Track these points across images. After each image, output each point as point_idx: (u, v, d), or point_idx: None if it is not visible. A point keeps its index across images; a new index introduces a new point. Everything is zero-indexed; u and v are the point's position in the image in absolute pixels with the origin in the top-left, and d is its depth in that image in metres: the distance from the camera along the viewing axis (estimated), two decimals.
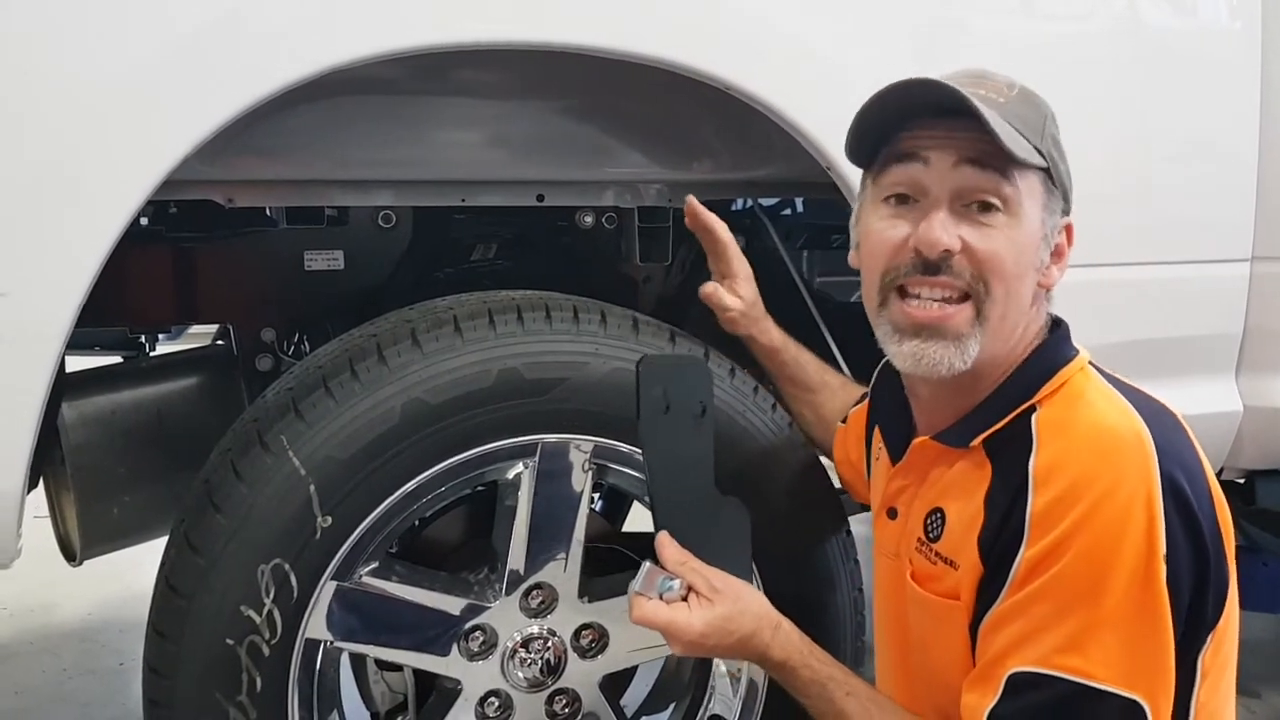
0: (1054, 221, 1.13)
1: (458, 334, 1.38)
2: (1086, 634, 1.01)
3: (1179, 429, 1.10)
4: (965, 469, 1.14)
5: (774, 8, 1.43)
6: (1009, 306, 1.11)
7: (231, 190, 1.55)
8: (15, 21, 1.17)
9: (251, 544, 1.29)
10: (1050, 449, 1.06)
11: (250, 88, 1.21)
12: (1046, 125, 1.12)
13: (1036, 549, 1.03)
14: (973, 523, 1.11)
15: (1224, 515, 1.08)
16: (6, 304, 1.19)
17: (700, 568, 1.19)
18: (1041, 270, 1.13)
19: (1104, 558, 1.01)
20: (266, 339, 1.72)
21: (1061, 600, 1.02)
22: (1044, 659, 1.02)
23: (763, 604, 1.20)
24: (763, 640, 1.17)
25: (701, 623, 1.15)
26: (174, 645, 1.29)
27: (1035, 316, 1.15)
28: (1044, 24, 1.62)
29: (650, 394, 1.21)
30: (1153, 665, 1.02)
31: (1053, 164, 1.11)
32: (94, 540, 1.60)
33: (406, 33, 1.27)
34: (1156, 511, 1.01)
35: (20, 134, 1.18)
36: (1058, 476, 1.04)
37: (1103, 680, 1.01)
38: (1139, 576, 1.00)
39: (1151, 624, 1.01)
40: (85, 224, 1.19)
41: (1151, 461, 1.03)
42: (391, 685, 1.55)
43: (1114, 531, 1.00)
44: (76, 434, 1.53)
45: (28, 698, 2.55)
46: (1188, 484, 1.04)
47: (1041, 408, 1.11)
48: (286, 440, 1.31)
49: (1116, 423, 1.06)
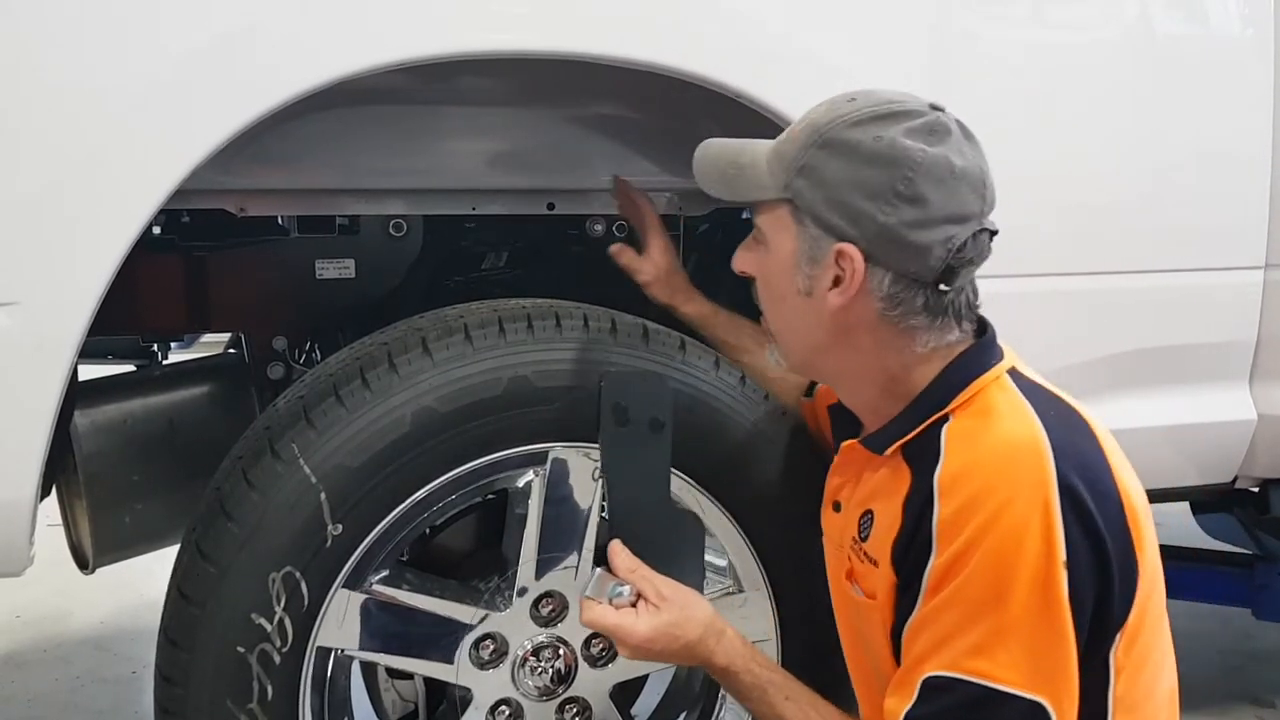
0: (815, 250, 1.14)
1: (468, 342, 1.38)
2: (992, 639, 1.06)
3: (1083, 432, 1.13)
4: (888, 473, 1.19)
5: (789, 19, 1.44)
6: (779, 323, 1.23)
7: (243, 199, 1.56)
8: (29, 31, 1.17)
9: (263, 552, 1.29)
10: (955, 460, 1.11)
11: (262, 97, 1.22)
12: (802, 156, 1.13)
13: (944, 558, 1.08)
14: (891, 526, 1.16)
15: (1134, 513, 1.11)
16: (19, 312, 1.20)
17: (650, 575, 1.25)
18: (811, 295, 1.15)
19: (1004, 567, 1.05)
20: (278, 347, 1.72)
21: (968, 608, 1.07)
22: (954, 663, 1.07)
23: (709, 612, 1.25)
24: (707, 647, 1.23)
25: (647, 628, 1.21)
26: (186, 653, 1.30)
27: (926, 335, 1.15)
28: (1055, 33, 1.62)
29: (610, 407, 1.27)
30: (1056, 669, 1.06)
31: (798, 195, 1.13)
32: (106, 548, 1.61)
33: (421, 41, 1.28)
34: (1054, 520, 1.05)
35: (33, 143, 1.19)
36: (960, 487, 1.08)
37: (1008, 683, 1.05)
38: (1038, 584, 1.05)
39: (1053, 630, 1.05)
40: (98, 233, 1.20)
41: (1049, 469, 1.06)
42: (402, 694, 1.55)
43: (1012, 541, 1.05)
44: (89, 442, 1.54)
45: (40, 706, 2.55)
46: (1087, 488, 1.07)
47: (954, 418, 1.14)
48: (298, 448, 1.31)
49: (1016, 432, 1.10)
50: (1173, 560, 2.35)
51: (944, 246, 1.10)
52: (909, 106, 1.12)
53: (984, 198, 1.12)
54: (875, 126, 1.11)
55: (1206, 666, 2.75)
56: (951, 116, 1.13)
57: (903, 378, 1.18)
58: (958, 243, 1.10)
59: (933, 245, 1.10)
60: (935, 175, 1.09)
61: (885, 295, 1.12)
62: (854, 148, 1.11)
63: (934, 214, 1.09)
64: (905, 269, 1.11)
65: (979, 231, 1.12)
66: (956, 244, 1.10)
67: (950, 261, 1.11)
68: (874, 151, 1.10)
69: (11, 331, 1.20)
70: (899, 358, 1.17)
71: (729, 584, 1.51)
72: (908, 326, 1.14)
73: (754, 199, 1.19)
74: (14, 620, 2.99)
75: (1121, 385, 1.66)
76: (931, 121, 1.11)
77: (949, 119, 1.13)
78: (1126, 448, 1.70)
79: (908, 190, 1.09)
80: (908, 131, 1.10)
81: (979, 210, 1.12)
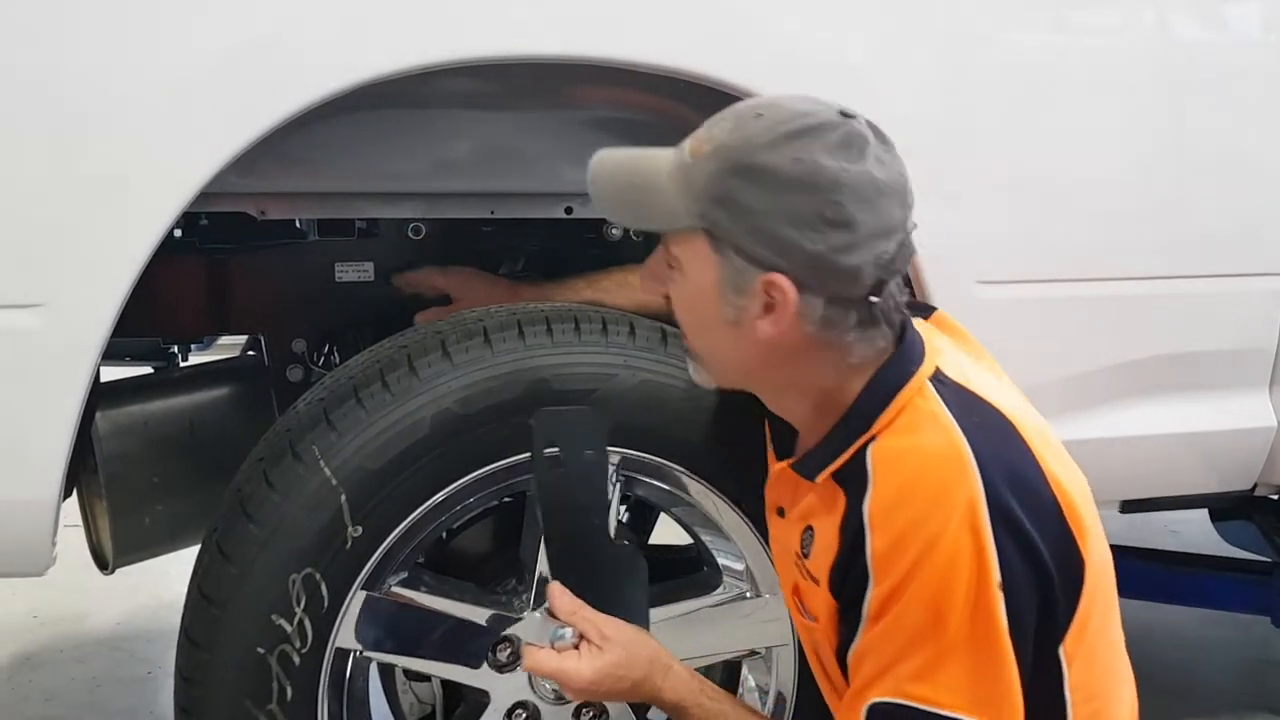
0: (740, 281, 1.09)
1: (487, 345, 1.38)
2: (933, 665, 1.07)
3: (1008, 437, 1.12)
4: (823, 494, 1.18)
5: (804, 21, 1.44)
6: (703, 349, 1.20)
7: (264, 202, 1.57)
8: (55, 34, 1.19)
9: (283, 553, 1.30)
10: (882, 489, 1.10)
11: (285, 100, 1.23)
12: (716, 186, 1.08)
13: (881, 589, 1.08)
14: (829, 548, 1.15)
15: (1073, 509, 1.11)
16: (45, 314, 1.22)
17: (592, 616, 1.25)
18: (739, 324, 1.12)
19: (940, 594, 1.06)
20: (297, 350, 1.73)
21: (908, 635, 1.08)
22: (897, 689, 1.08)
23: (654, 649, 1.25)
24: (654, 684, 1.23)
25: (591, 670, 1.22)
26: (206, 653, 1.31)
27: (858, 347, 1.12)
28: (1074, 38, 1.62)
29: (544, 446, 1.27)
30: (998, 690, 1.07)
31: (716, 226, 1.09)
32: (126, 549, 1.62)
33: (446, 46, 1.28)
34: (986, 544, 1.05)
35: (59, 146, 1.20)
36: (891, 520, 1.08)
37: (950, 708, 1.07)
38: (972, 609, 1.06)
39: (992, 653, 1.06)
40: (123, 235, 1.22)
41: (975, 487, 1.06)
42: (419, 695, 1.55)
43: (946, 569, 1.05)
44: (110, 443, 1.54)
45: (58, 705, 2.56)
46: (1018, 500, 1.07)
47: (880, 439, 1.13)
48: (318, 450, 1.32)
49: (941, 451, 1.09)
50: (1191, 568, 2.35)
51: (875, 264, 1.07)
52: (821, 119, 1.07)
53: (906, 204, 1.10)
54: (792, 147, 1.06)
55: (1224, 673, 2.74)
56: (863, 122, 1.09)
57: (835, 391, 1.15)
58: (888, 256, 1.08)
59: (863, 265, 1.07)
60: (861, 195, 1.06)
61: (819, 319, 1.09)
62: (774, 174, 1.06)
63: (863, 234, 1.06)
64: (838, 293, 1.09)
65: (905, 238, 1.10)
66: (887, 258, 1.08)
67: (880, 275, 1.08)
68: (795, 177, 1.05)
69: (38, 332, 1.22)
70: (833, 372, 1.14)
71: (745, 588, 1.52)
72: (842, 343, 1.12)
73: (663, 228, 1.15)
74: (31, 620, 3.00)
75: (1141, 392, 1.65)
76: (847, 134, 1.07)
77: (862, 126, 1.08)
78: (1147, 455, 1.71)
79: (835, 215, 1.05)
80: (826, 149, 1.06)
81: (904, 218, 1.10)
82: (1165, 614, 2.72)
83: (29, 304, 1.21)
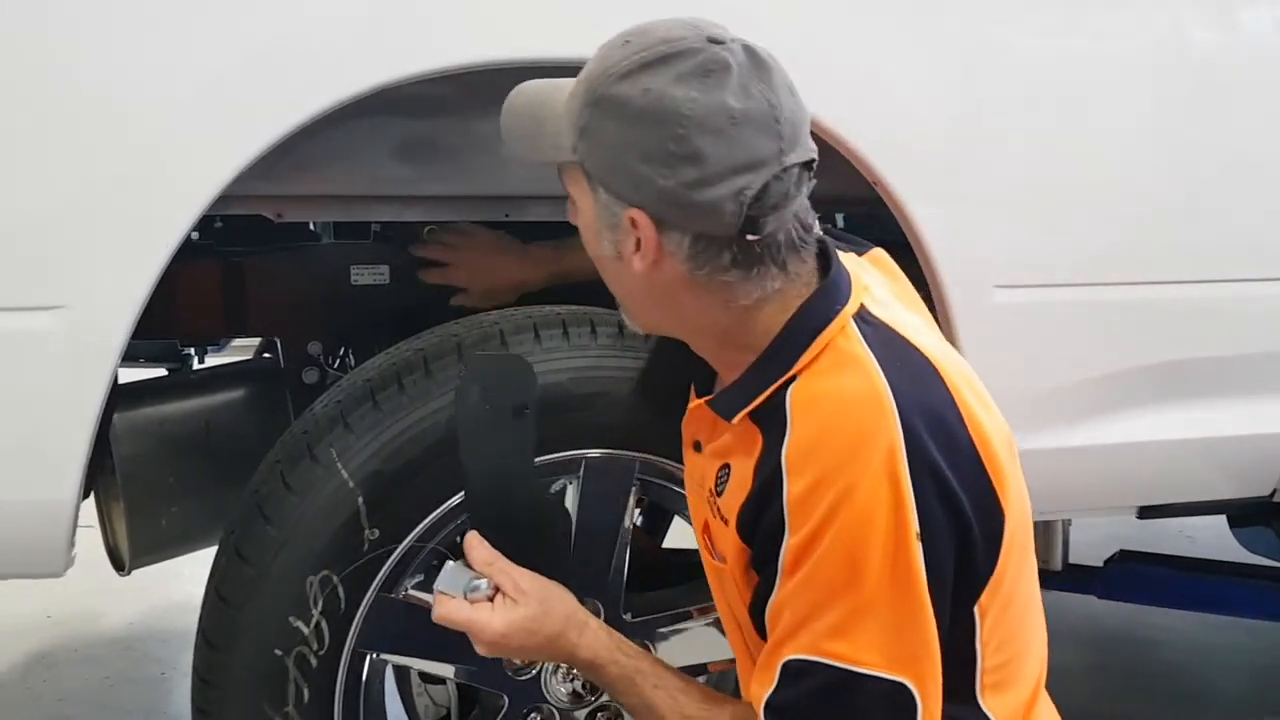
0: (610, 216, 1.06)
1: (503, 348, 1.38)
2: (850, 620, 1.03)
3: (930, 381, 1.08)
4: (740, 433, 1.14)
5: (820, 24, 1.43)
6: (608, 284, 1.16)
7: (281, 205, 1.58)
8: (77, 37, 1.19)
9: (301, 555, 1.31)
10: (800, 432, 1.05)
11: (305, 104, 1.24)
12: (582, 116, 1.04)
13: (797, 538, 1.04)
14: (742, 486, 1.11)
15: (992, 456, 1.07)
16: (66, 316, 1.22)
17: (508, 568, 1.19)
18: (621, 259, 1.08)
19: (856, 546, 1.02)
20: (313, 352, 1.73)
21: (824, 589, 1.04)
22: (813, 646, 1.04)
23: (570, 604, 1.20)
24: (569, 640, 1.17)
25: (503, 623, 1.15)
26: (224, 655, 1.31)
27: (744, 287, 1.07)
28: (1091, 41, 1.61)
29: (470, 390, 1.20)
30: (917, 647, 1.03)
31: (585, 159, 1.05)
32: (143, 550, 1.62)
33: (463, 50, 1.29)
34: (904, 491, 1.02)
35: (79, 149, 1.21)
36: (808, 465, 1.04)
37: (867, 665, 1.03)
38: (891, 561, 1.02)
39: (911, 607, 1.03)
40: (143, 238, 1.22)
41: (895, 432, 1.02)
42: (435, 698, 1.56)
43: (863, 518, 1.02)
44: (127, 444, 1.55)
45: (71, 705, 2.58)
46: (937, 446, 1.03)
47: (800, 379, 1.08)
48: (336, 453, 1.32)
49: (861, 395, 1.05)
50: (1209, 574, 2.34)
51: (735, 200, 1.01)
52: (682, 46, 1.01)
53: (780, 135, 1.02)
54: (644, 77, 1.00)
55: (1238, 680, 2.73)
56: (736, 47, 1.02)
57: (738, 330, 1.11)
58: (752, 193, 1.01)
59: (722, 201, 1.01)
60: (711, 127, 0.99)
61: (687, 256, 1.05)
62: (623, 105, 1.01)
63: (716, 169, 1.00)
64: (699, 229, 1.03)
65: (781, 172, 1.02)
66: (751, 194, 1.01)
67: (749, 212, 1.01)
68: (642, 109, 1.00)
69: (58, 334, 1.22)
70: (725, 313, 1.09)
71: None
72: (721, 283, 1.06)
73: (551, 159, 1.11)
74: (44, 620, 3.01)
75: (1160, 397, 1.64)
76: (706, 61, 1.00)
77: (729, 52, 1.01)
78: (1165, 460, 1.70)
79: (680, 149, 1.00)
80: (678, 79, 1.00)
81: (775, 151, 1.01)
82: (1180, 620, 2.71)
83: (50, 306, 1.22)
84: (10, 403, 1.24)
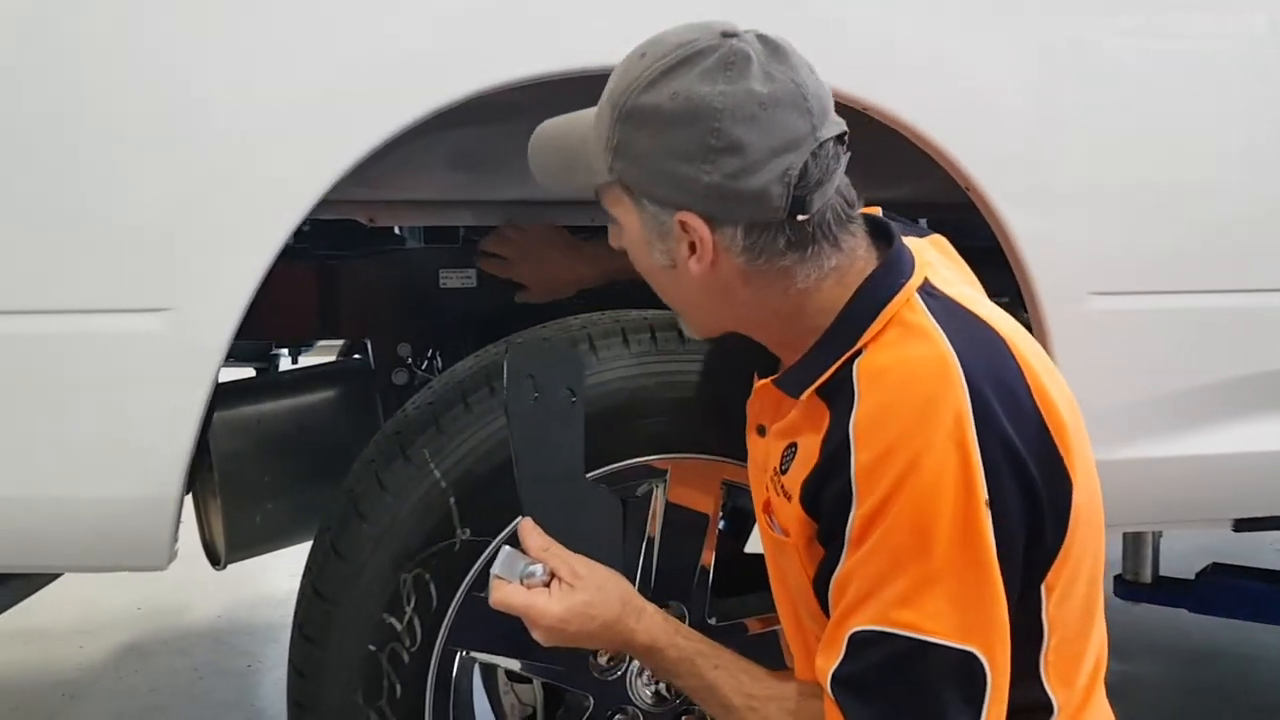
0: (659, 226, 1.08)
1: (592, 352, 1.40)
2: (918, 590, 1.02)
3: (998, 352, 1.08)
4: (808, 410, 1.13)
5: (908, 26, 1.42)
6: (663, 296, 1.18)
7: (373, 210, 1.61)
8: (186, 41, 1.23)
9: (395, 553, 1.33)
10: (867, 403, 1.06)
11: (404, 111, 1.26)
12: (613, 135, 1.07)
13: (865, 508, 1.03)
14: (807, 461, 1.11)
15: (1060, 426, 1.07)
16: (173, 318, 1.26)
17: (563, 553, 1.19)
18: (675, 267, 1.10)
19: (925, 514, 1.01)
20: (402, 354, 1.77)
21: (891, 558, 1.03)
22: (880, 616, 1.03)
23: (626, 589, 1.19)
24: (627, 625, 1.17)
25: (561, 608, 1.15)
26: (319, 649, 1.34)
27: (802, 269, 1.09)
28: (1173, 43, 1.57)
29: (518, 379, 1.20)
30: (985, 616, 1.03)
31: (623, 175, 1.08)
32: (237, 545, 1.66)
33: (553, 58, 1.30)
34: (972, 459, 1.01)
35: (188, 155, 1.25)
36: (877, 435, 1.04)
37: (936, 634, 1.02)
38: (960, 529, 1.01)
39: (980, 575, 1.02)
40: (249, 242, 1.25)
41: (962, 398, 1.02)
42: (521, 697, 1.57)
43: (931, 486, 1.01)
44: (225, 442, 1.58)
45: (162, 696, 2.65)
46: (1002, 407, 1.03)
47: (866, 352, 1.09)
48: (428, 453, 1.35)
49: (926, 361, 1.05)
50: None
51: (781, 183, 1.03)
52: (698, 46, 1.04)
53: (809, 111, 1.04)
54: (669, 82, 1.03)
55: None
56: (750, 37, 1.05)
57: (798, 313, 1.12)
58: (795, 172, 1.03)
59: (768, 185, 1.03)
60: (744, 115, 1.02)
61: (743, 249, 1.07)
62: (654, 113, 1.04)
63: (756, 155, 1.03)
64: (750, 218, 1.06)
65: (818, 148, 1.04)
66: (795, 174, 1.03)
67: (796, 193, 1.04)
68: (673, 112, 1.03)
69: (165, 336, 1.26)
70: (784, 299, 1.11)
71: None
72: (780, 269, 1.08)
73: (590, 184, 1.14)
74: (135, 612, 3.11)
75: (1259, 407, 1.60)
76: (725, 55, 1.03)
77: (745, 44, 1.04)
78: (1263, 471, 1.65)
79: (719, 142, 1.02)
80: (702, 77, 1.03)
81: (808, 128, 1.04)
82: (1273, 635, 2.63)
83: (158, 308, 1.26)
84: (119, 402, 1.28)
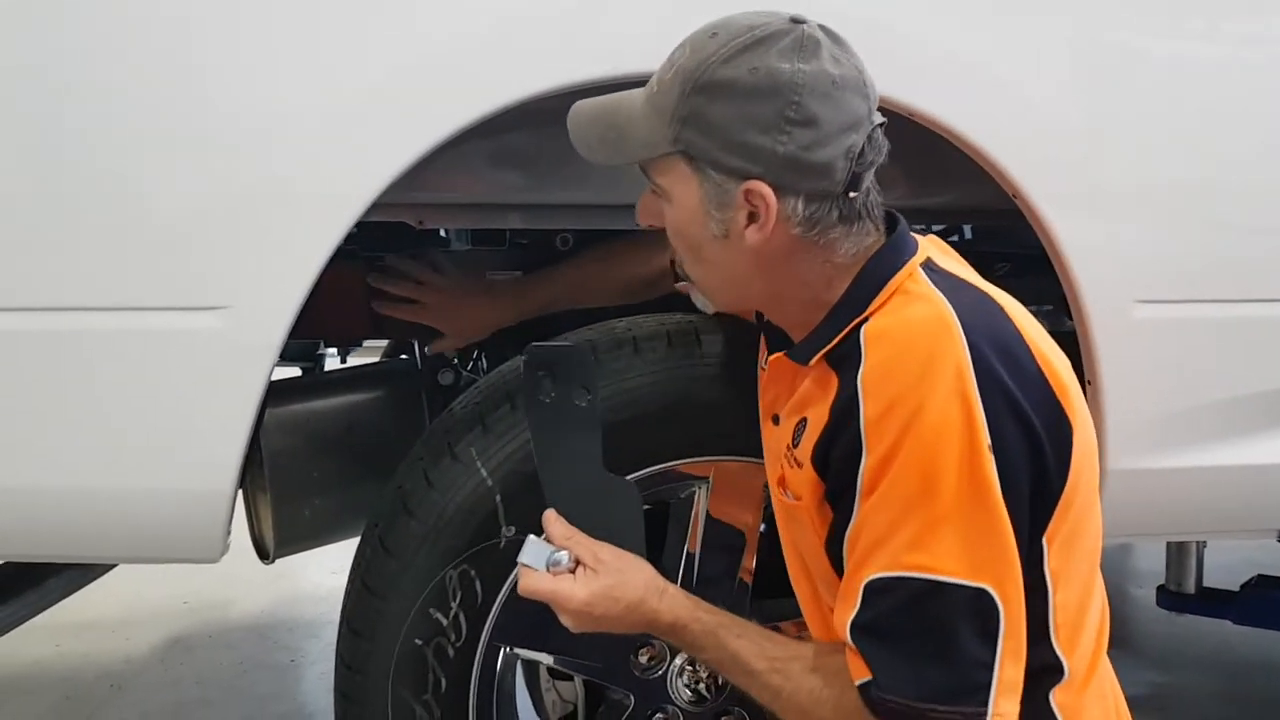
0: (722, 195, 1.13)
1: (636, 354, 1.41)
2: (927, 532, 1.07)
3: (995, 313, 1.15)
4: (817, 380, 1.19)
5: (953, 31, 1.43)
6: (700, 269, 1.22)
7: (422, 213, 1.63)
8: (243, 46, 1.26)
9: (442, 549, 1.36)
10: (873, 359, 1.12)
11: (455, 115, 1.28)
12: (683, 106, 1.12)
13: (874, 457, 1.09)
14: (817, 426, 1.16)
15: (1060, 382, 1.13)
16: (230, 317, 1.29)
17: (586, 541, 1.23)
18: (728, 237, 1.15)
19: (930, 459, 1.06)
20: (449, 354, 1.79)
21: (900, 505, 1.07)
22: (893, 562, 1.08)
23: (648, 571, 1.23)
24: (651, 606, 1.20)
25: (586, 592, 1.19)
26: (367, 643, 1.37)
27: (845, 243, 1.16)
28: (1224, 47, 1.56)
29: (535, 382, 1.25)
30: (995, 554, 1.07)
31: (690, 146, 1.13)
32: (286, 540, 1.69)
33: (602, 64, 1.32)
34: (974, 405, 1.07)
35: (245, 157, 1.27)
36: (883, 387, 1.10)
37: (949, 573, 1.06)
38: (965, 472, 1.06)
39: (987, 515, 1.06)
40: (304, 242, 1.28)
41: (962, 351, 1.08)
42: (562, 694, 1.59)
43: (935, 432, 1.06)
44: (276, 439, 1.61)
45: (208, 689, 2.70)
46: (1004, 368, 1.09)
47: (872, 319, 1.15)
48: (475, 452, 1.37)
49: (927, 319, 1.12)
50: None
51: (845, 157, 1.11)
52: (772, 28, 1.11)
53: (868, 97, 1.13)
54: (747, 58, 1.10)
55: None
56: (815, 25, 1.12)
57: (825, 290, 1.19)
58: (857, 149, 1.11)
59: (835, 159, 1.11)
60: (819, 91, 1.10)
61: (802, 219, 1.13)
62: (733, 86, 1.10)
63: (829, 130, 1.10)
64: (815, 189, 1.12)
65: (873, 131, 1.13)
66: (856, 151, 1.11)
67: (854, 169, 1.12)
68: (754, 85, 1.10)
69: (222, 334, 1.29)
70: (822, 270, 1.18)
71: None
72: (828, 240, 1.15)
73: (643, 158, 1.19)
74: (181, 605, 3.16)
75: None
76: (799, 37, 1.11)
77: (814, 29, 1.12)
78: None
79: (797, 114, 1.09)
80: (780, 55, 1.10)
81: (867, 111, 1.13)
82: None
83: (215, 306, 1.29)
84: (176, 398, 1.31)
